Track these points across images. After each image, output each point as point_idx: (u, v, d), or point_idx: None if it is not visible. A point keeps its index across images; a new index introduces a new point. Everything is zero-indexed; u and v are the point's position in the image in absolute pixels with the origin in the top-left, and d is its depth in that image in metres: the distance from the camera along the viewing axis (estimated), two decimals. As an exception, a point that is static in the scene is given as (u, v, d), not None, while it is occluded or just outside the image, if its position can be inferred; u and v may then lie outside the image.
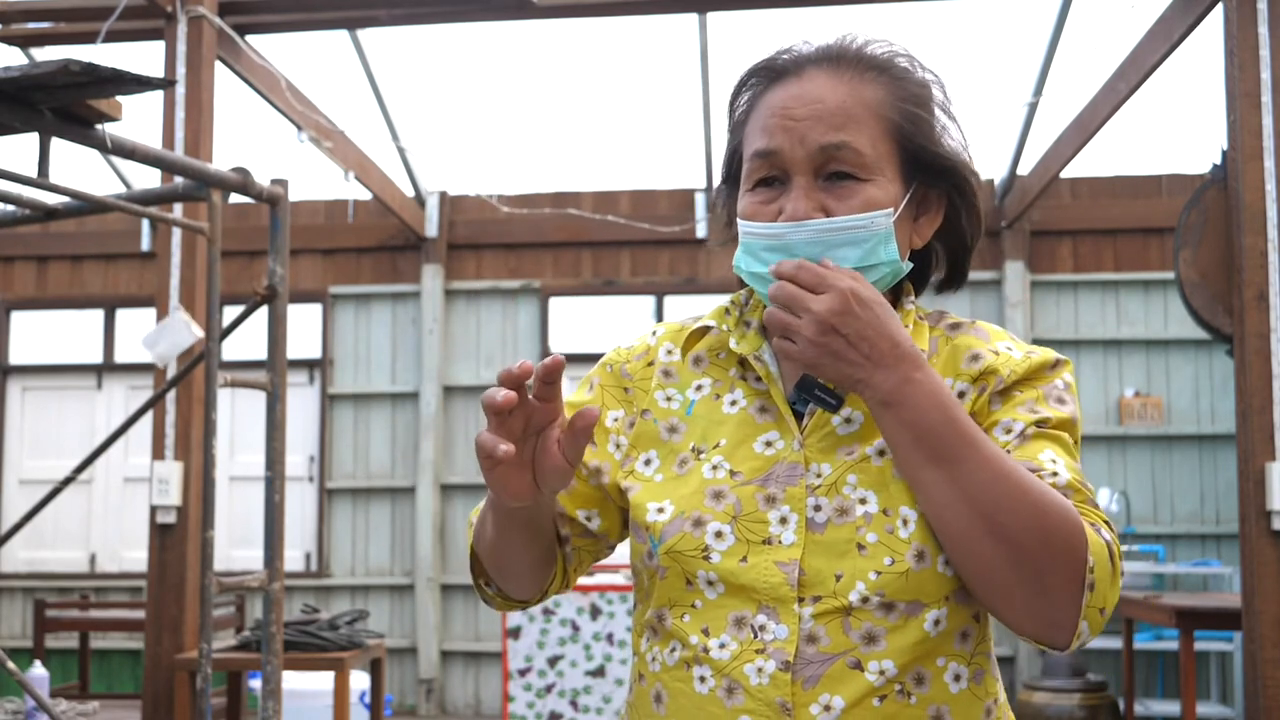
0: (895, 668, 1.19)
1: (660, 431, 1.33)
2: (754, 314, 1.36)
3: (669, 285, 8.27)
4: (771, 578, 1.21)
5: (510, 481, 1.17)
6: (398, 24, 5.85)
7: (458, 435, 8.27)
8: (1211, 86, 5.35)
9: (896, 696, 1.19)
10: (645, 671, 1.30)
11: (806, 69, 1.28)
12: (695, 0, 6.00)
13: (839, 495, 1.22)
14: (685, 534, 1.25)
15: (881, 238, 1.23)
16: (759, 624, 1.21)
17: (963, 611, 1.23)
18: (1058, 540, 1.12)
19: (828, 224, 1.22)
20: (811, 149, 1.23)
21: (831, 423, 1.26)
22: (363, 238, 8.47)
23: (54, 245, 8.69)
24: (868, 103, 1.25)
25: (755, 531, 1.23)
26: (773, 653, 1.20)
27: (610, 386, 1.39)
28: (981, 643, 1.25)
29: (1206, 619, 5.33)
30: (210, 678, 3.14)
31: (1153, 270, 7.89)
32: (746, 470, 1.26)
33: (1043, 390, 1.26)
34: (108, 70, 2.39)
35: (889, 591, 1.19)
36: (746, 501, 1.24)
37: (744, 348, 1.32)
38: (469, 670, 8.16)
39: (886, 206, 1.24)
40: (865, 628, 1.19)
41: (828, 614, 1.19)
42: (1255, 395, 4.27)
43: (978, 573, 1.15)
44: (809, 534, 1.22)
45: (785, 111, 1.25)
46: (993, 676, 1.28)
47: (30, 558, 8.56)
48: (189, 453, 5.03)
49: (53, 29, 5.92)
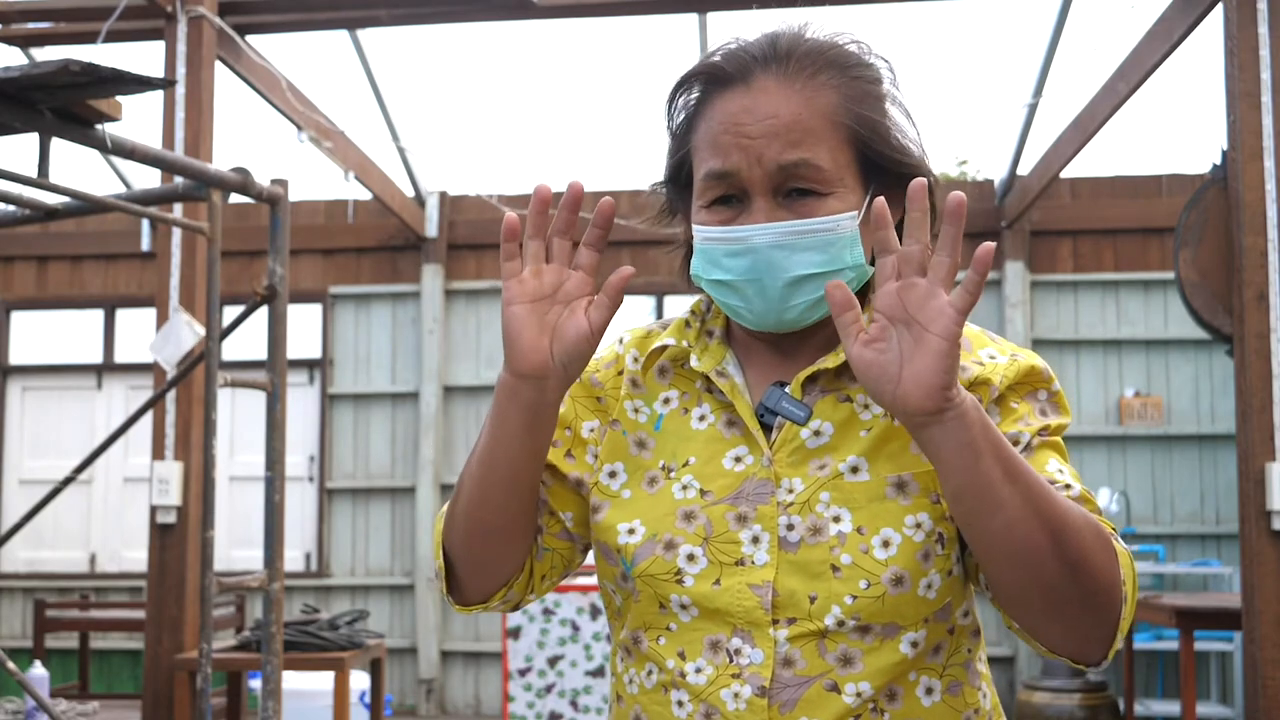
0: (872, 689, 1.17)
1: (629, 445, 1.30)
2: (715, 322, 1.33)
3: (669, 285, 8.27)
4: (745, 601, 1.19)
5: (526, 332, 1.16)
6: (398, 24, 5.85)
7: (458, 435, 8.27)
8: (1211, 86, 5.35)
9: (870, 715, 1.17)
10: (623, 693, 1.29)
11: (755, 76, 1.21)
12: (695, 0, 6.00)
13: (812, 514, 1.20)
14: (657, 557, 1.22)
15: (847, 241, 1.20)
16: (734, 648, 1.19)
17: (939, 628, 1.21)
18: (1101, 557, 1.11)
19: (793, 226, 1.19)
20: (770, 168, 1.19)
21: (800, 435, 1.23)
22: (363, 238, 8.47)
23: (54, 245, 8.69)
24: (823, 111, 1.20)
25: (727, 553, 1.21)
26: (749, 677, 1.18)
27: (582, 397, 1.35)
28: (954, 654, 1.23)
29: (1206, 619, 5.32)
30: (210, 678, 3.14)
31: (1153, 270, 7.89)
32: (717, 489, 1.23)
33: (1037, 398, 1.25)
34: (108, 70, 2.39)
35: (865, 615, 1.17)
36: (717, 522, 1.22)
37: (706, 364, 1.28)
38: (469, 670, 8.16)
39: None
40: (841, 650, 1.18)
41: (803, 637, 1.18)
42: (1255, 395, 4.27)
43: (1039, 592, 1.11)
44: (781, 553, 1.19)
45: (738, 128, 1.20)
46: (972, 687, 1.24)
47: (30, 558, 8.56)
48: (189, 453, 5.03)
49: (53, 29, 5.92)
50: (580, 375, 1.20)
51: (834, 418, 1.23)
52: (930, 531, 1.19)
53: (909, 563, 1.17)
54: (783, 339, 1.28)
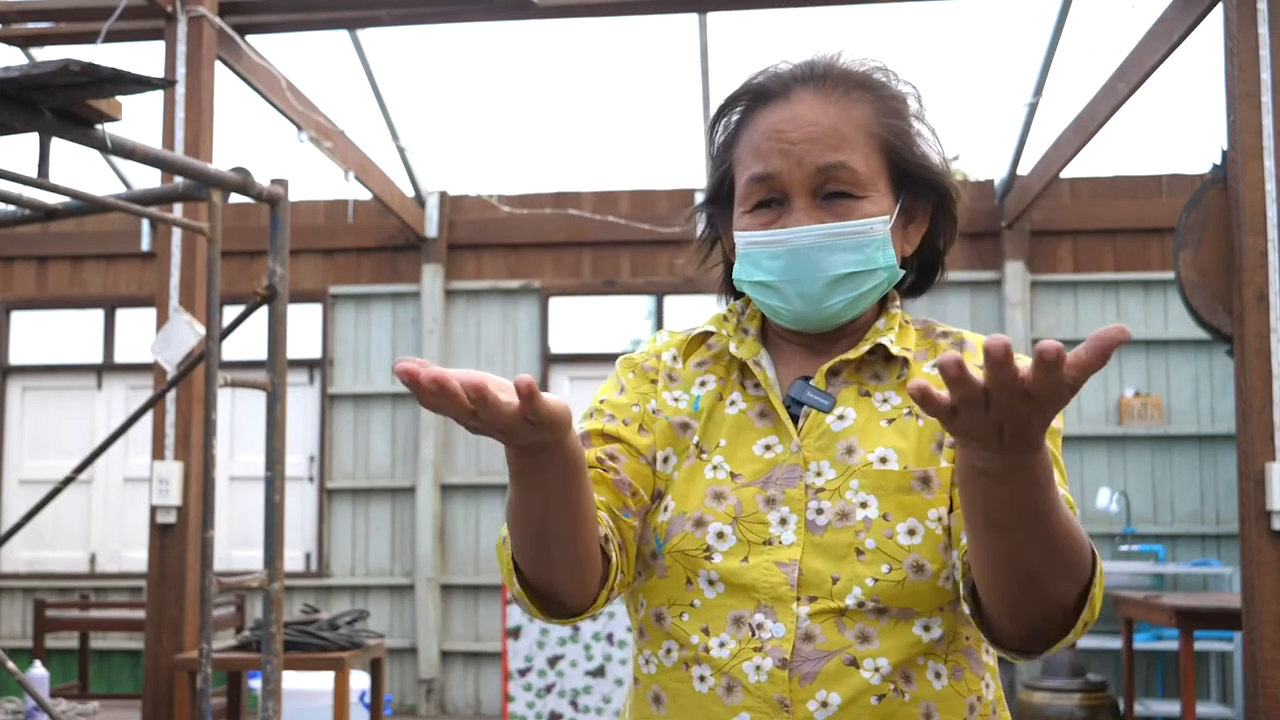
0: (889, 665, 1.22)
1: (674, 429, 1.35)
2: (751, 322, 1.40)
3: (669, 285, 8.27)
4: (772, 577, 1.24)
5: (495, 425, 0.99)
6: (398, 24, 5.85)
7: (458, 435, 8.27)
8: (1211, 86, 5.35)
9: (893, 695, 1.22)
10: (640, 675, 1.32)
11: (794, 90, 1.31)
12: (695, 0, 6.00)
13: (841, 500, 1.25)
14: (688, 534, 1.27)
15: (880, 243, 1.29)
16: (756, 622, 1.23)
17: (950, 618, 1.25)
18: (1083, 576, 1.12)
19: (830, 228, 1.27)
20: (810, 170, 1.28)
21: (825, 422, 1.30)
22: (363, 238, 8.47)
23: (54, 245, 8.69)
24: (857, 122, 1.30)
25: (756, 532, 1.26)
26: (770, 650, 1.22)
27: (638, 382, 1.39)
28: (955, 641, 1.27)
29: (1206, 619, 5.32)
30: (210, 678, 3.14)
31: (1153, 270, 7.89)
32: (747, 473, 1.29)
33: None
34: (108, 70, 2.39)
35: (884, 598, 1.22)
36: (747, 503, 1.27)
37: (744, 352, 1.36)
38: (469, 670, 8.16)
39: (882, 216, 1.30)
40: (859, 628, 1.22)
41: (823, 614, 1.23)
42: (1255, 395, 4.27)
43: (1017, 601, 1.12)
44: (808, 535, 1.25)
45: (779, 135, 1.29)
46: (974, 674, 1.28)
47: (30, 558, 8.56)
48: (189, 453, 5.03)
49: (53, 29, 5.92)
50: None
51: (855, 405, 1.31)
52: (948, 527, 1.25)
53: (931, 553, 1.23)
54: (815, 340, 1.35)
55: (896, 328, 1.35)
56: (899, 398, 1.31)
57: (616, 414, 1.35)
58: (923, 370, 1.33)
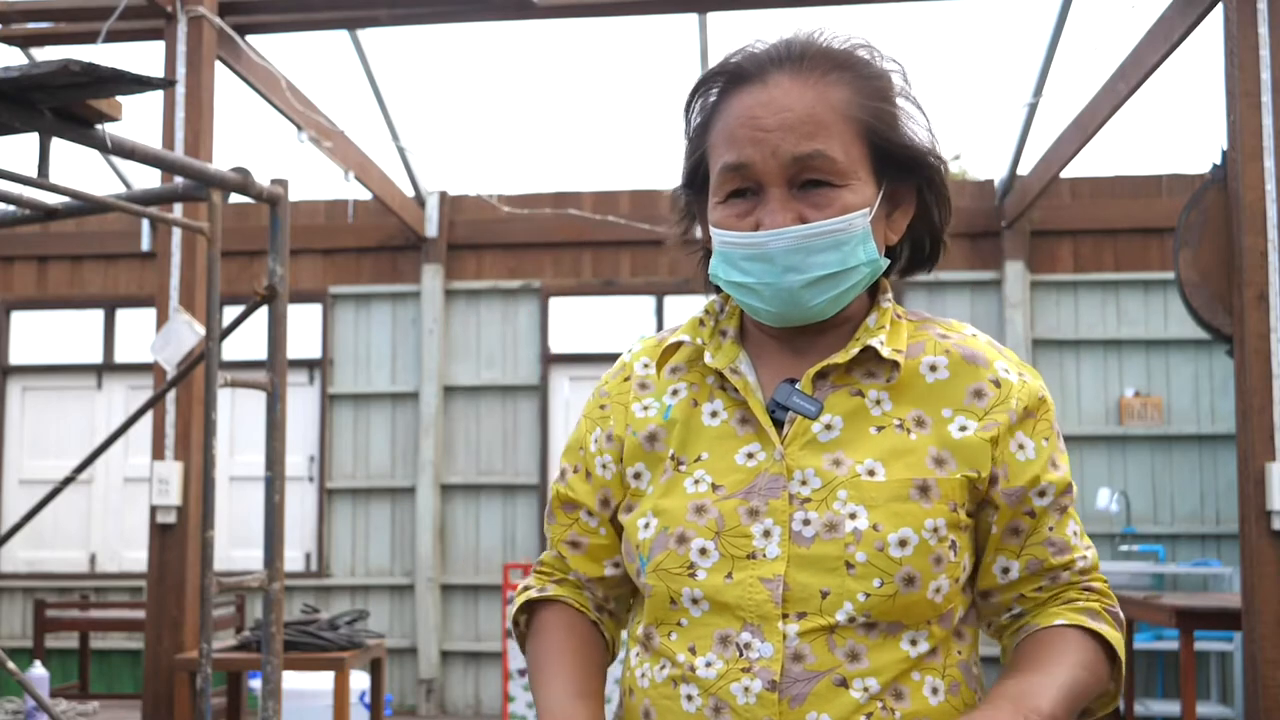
0: (879, 684, 1.19)
1: (641, 444, 1.32)
2: (730, 322, 1.35)
3: (669, 285, 8.27)
4: (756, 595, 1.20)
5: None
6: (398, 24, 5.84)
7: (458, 435, 8.27)
8: (1211, 86, 5.35)
9: (881, 713, 1.19)
10: (635, 687, 1.30)
11: (769, 73, 1.24)
12: (695, 0, 6.00)
13: (829, 510, 1.21)
14: (670, 551, 1.24)
15: (860, 238, 1.23)
16: (744, 642, 1.20)
17: (940, 631, 1.23)
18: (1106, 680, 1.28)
19: (807, 230, 1.21)
20: (785, 160, 1.21)
21: (812, 430, 1.25)
22: (363, 238, 8.47)
23: (54, 245, 8.68)
24: (836, 106, 1.23)
25: (739, 546, 1.22)
26: (759, 671, 1.19)
27: (592, 413, 1.40)
28: (949, 655, 1.25)
29: (1206, 619, 5.32)
30: (210, 678, 3.14)
31: (1153, 270, 7.88)
32: (729, 484, 1.25)
33: (1050, 437, 1.29)
34: (108, 70, 2.39)
35: (875, 613, 1.19)
36: (729, 516, 1.23)
37: (720, 361, 1.30)
38: (469, 670, 8.16)
39: (862, 208, 1.23)
40: (849, 645, 1.19)
41: (813, 632, 1.19)
42: (1255, 395, 4.27)
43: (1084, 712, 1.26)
44: (793, 547, 1.21)
45: (754, 121, 1.22)
46: (970, 688, 1.27)
47: (30, 558, 8.56)
48: (189, 453, 5.03)
49: (53, 29, 5.92)
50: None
51: (844, 411, 1.25)
52: (944, 537, 1.21)
53: (922, 564, 1.19)
54: (796, 338, 1.30)
55: (888, 325, 1.28)
56: (891, 403, 1.26)
57: (573, 465, 1.40)
58: (917, 369, 1.28)
